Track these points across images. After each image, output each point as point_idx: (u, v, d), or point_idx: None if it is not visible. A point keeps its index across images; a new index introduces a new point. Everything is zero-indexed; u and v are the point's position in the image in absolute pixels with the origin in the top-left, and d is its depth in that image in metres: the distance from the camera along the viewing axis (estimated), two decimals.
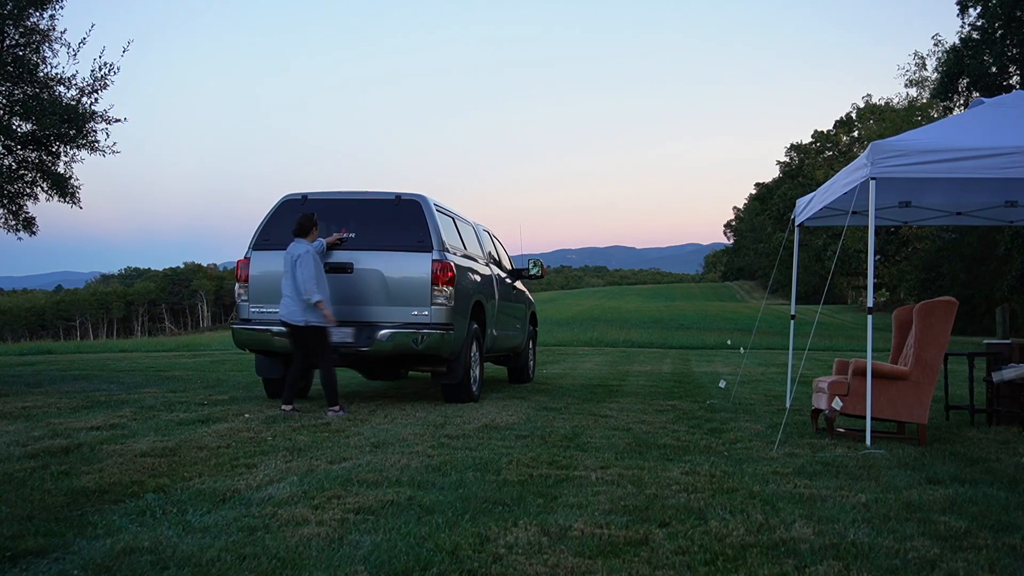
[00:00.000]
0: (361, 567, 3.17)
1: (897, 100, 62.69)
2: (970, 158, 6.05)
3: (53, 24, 12.09)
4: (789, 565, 3.25)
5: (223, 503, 4.12)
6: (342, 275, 7.99)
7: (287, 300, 7.54)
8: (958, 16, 32.70)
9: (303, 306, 7.46)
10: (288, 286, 7.53)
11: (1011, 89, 24.02)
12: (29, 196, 12.66)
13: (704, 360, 18.37)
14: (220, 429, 6.49)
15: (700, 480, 4.78)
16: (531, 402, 8.76)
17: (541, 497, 4.31)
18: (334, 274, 7.94)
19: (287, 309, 7.53)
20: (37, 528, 3.62)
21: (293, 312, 7.50)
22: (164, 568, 3.15)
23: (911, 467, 5.31)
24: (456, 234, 8.95)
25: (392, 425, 6.85)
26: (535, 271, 11.15)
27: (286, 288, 7.55)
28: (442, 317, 7.90)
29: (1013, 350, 7.44)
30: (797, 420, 7.53)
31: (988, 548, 3.50)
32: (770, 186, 79.95)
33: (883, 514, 4.05)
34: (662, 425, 7.11)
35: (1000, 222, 8.76)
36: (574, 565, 3.22)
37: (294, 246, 7.59)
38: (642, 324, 41.53)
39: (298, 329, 7.55)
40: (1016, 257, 32.22)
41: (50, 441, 5.81)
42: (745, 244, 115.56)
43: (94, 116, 12.14)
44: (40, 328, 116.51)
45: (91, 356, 19.41)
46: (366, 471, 4.87)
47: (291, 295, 7.51)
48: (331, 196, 8.47)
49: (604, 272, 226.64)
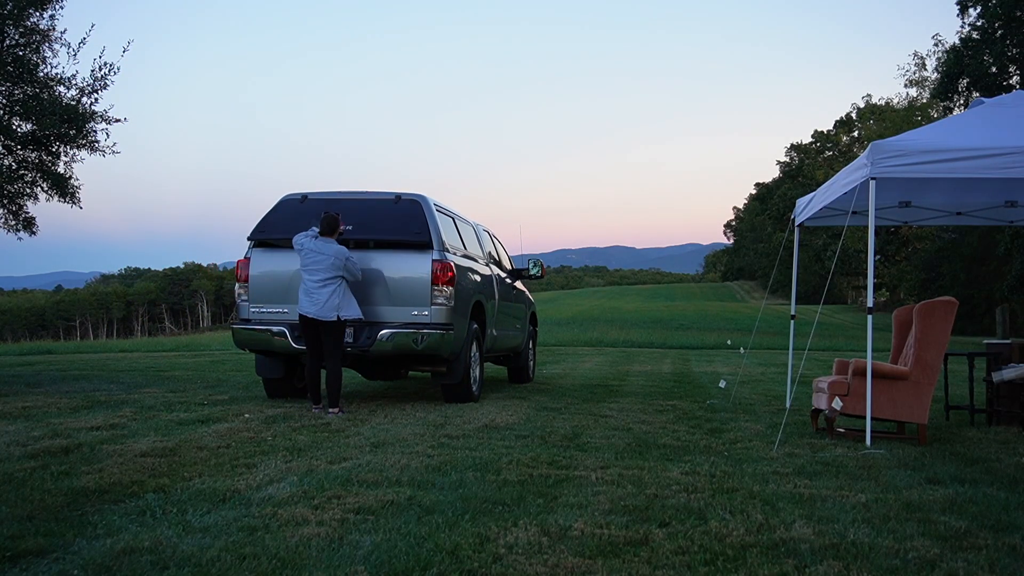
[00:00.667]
0: (361, 567, 3.17)
1: (897, 100, 62.77)
2: (970, 158, 6.05)
3: (53, 24, 12.11)
4: (789, 565, 3.25)
5: (223, 503, 4.12)
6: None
7: (315, 297, 7.42)
8: (958, 16, 32.73)
9: (336, 302, 7.41)
10: (315, 282, 7.43)
11: (1011, 89, 24.04)
12: (29, 196, 12.68)
13: (704, 360, 18.37)
14: (220, 429, 6.49)
15: (700, 480, 4.78)
16: (531, 402, 8.76)
17: (541, 497, 4.31)
18: None
19: (317, 306, 7.41)
20: (37, 528, 3.62)
21: (326, 309, 7.40)
22: (164, 568, 3.15)
23: (911, 467, 5.31)
24: (456, 234, 8.95)
25: (392, 425, 6.85)
26: (535, 271, 11.15)
27: (312, 285, 7.45)
28: (442, 317, 7.91)
29: (1013, 350, 7.44)
30: (797, 420, 7.53)
31: (988, 548, 3.50)
32: (770, 186, 79.96)
33: (883, 514, 4.05)
34: (662, 425, 7.11)
35: (1000, 222, 8.76)
36: (574, 565, 3.22)
37: (325, 245, 7.53)
38: (642, 324, 41.53)
39: (323, 325, 7.47)
40: (1016, 257, 32.22)
41: (50, 441, 5.81)
42: (745, 244, 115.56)
43: (94, 116, 12.15)
44: (40, 328, 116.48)
45: (91, 356, 19.42)
46: (366, 471, 4.87)
47: (319, 291, 7.42)
48: (331, 196, 8.48)
49: (604, 272, 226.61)
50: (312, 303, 7.48)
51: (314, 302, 7.47)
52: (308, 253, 7.55)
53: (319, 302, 7.45)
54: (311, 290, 7.50)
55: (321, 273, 7.48)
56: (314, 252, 7.53)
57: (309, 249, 7.55)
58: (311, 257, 7.53)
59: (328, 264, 7.48)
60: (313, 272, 7.50)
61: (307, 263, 7.54)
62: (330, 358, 7.60)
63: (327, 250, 7.52)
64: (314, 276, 7.49)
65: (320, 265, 7.49)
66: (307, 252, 7.56)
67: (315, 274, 7.49)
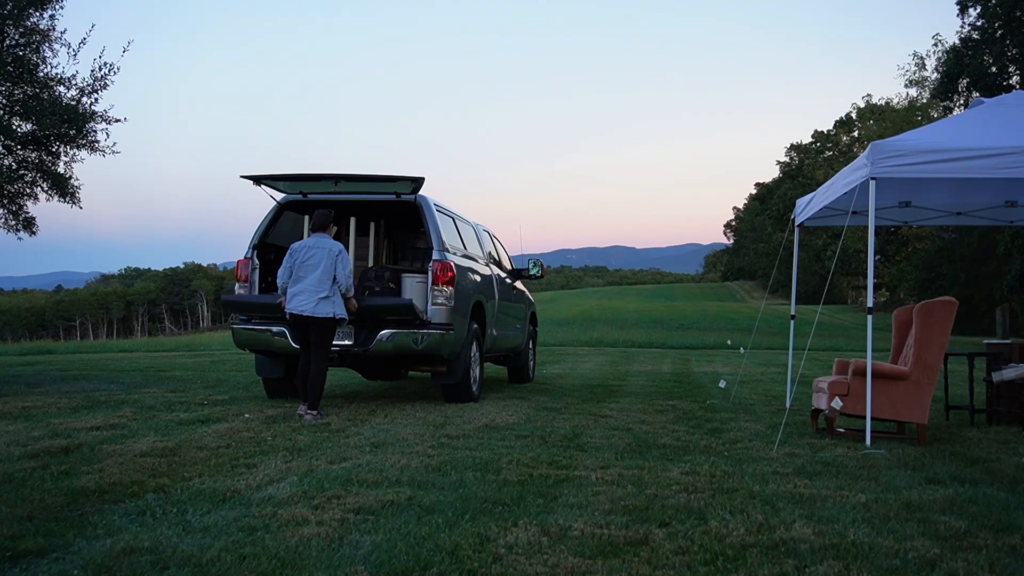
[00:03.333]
0: (361, 567, 3.17)
1: (897, 100, 62.76)
2: (970, 158, 6.05)
3: (53, 24, 12.12)
4: (789, 565, 3.25)
5: (223, 503, 4.12)
6: None
7: (310, 294, 7.24)
8: (958, 16, 32.74)
9: (333, 300, 7.27)
10: (313, 280, 7.25)
11: (1011, 89, 24.02)
12: (29, 196, 12.69)
13: (704, 360, 18.37)
14: (220, 429, 6.49)
15: (700, 480, 4.78)
16: (531, 402, 8.76)
17: (541, 497, 4.31)
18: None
19: (312, 304, 7.23)
20: (37, 528, 3.62)
21: (320, 306, 7.22)
22: (164, 568, 3.15)
23: (911, 467, 5.31)
24: (456, 234, 8.95)
25: (392, 425, 6.85)
26: (535, 271, 11.15)
27: (309, 282, 7.26)
28: (442, 317, 7.90)
29: (1013, 350, 7.44)
30: (797, 420, 7.53)
31: (988, 548, 3.50)
32: (770, 186, 79.94)
33: (883, 514, 4.05)
34: (662, 425, 7.11)
35: (1000, 222, 8.76)
36: (574, 565, 3.22)
37: (319, 240, 7.41)
38: (642, 324, 41.51)
39: (315, 322, 7.28)
40: (1016, 257, 32.21)
41: (50, 441, 5.81)
42: (745, 244, 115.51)
43: (94, 116, 12.16)
44: (40, 328, 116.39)
45: (91, 356, 19.42)
46: (366, 471, 4.87)
47: (313, 288, 7.24)
48: (331, 195, 8.48)
49: (604, 272, 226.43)
50: (305, 300, 7.26)
51: (307, 300, 7.26)
52: (306, 251, 7.36)
53: (312, 300, 7.25)
54: (304, 288, 7.29)
55: (316, 270, 7.26)
56: (311, 248, 7.35)
57: (307, 247, 7.38)
58: (308, 253, 7.34)
59: (323, 257, 7.28)
60: (310, 269, 7.29)
61: (304, 259, 7.32)
62: (317, 358, 7.35)
63: (324, 244, 7.37)
64: (310, 273, 7.28)
65: (314, 260, 7.29)
66: (305, 250, 7.37)
67: (311, 271, 7.28)
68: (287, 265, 7.41)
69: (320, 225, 7.52)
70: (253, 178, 8.04)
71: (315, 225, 7.55)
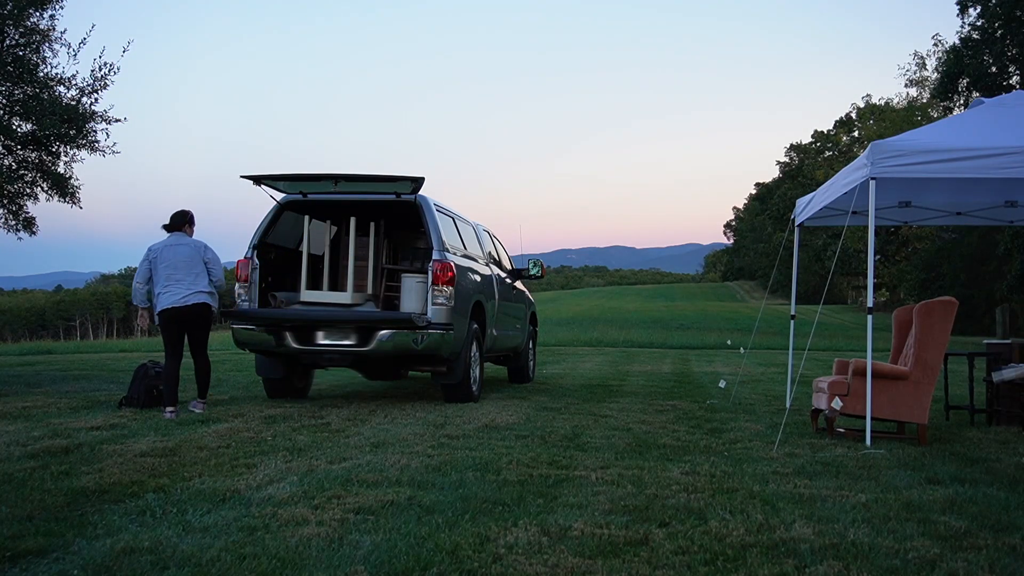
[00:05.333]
0: (361, 567, 3.17)
1: (897, 100, 62.75)
2: (970, 158, 6.05)
3: (53, 24, 12.12)
4: (789, 565, 3.25)
5: (223, 503, 4.12)
6: None
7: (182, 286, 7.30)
8: (958, 16, 32.72)
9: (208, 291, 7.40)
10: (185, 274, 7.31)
11: (1011, 89, 24.02)
12: (29, 196, 12.69)
13: (704, 360, 18.37)
14: (220, 429, 6.49)
15: (700, 480, 4.78)
16: (531, 402, 8.76)
17: (541, 497, 4.31)
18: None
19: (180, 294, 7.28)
20: (37, 528, 3.62)
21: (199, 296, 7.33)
22: (164, 568, 3.15)
23: (911, 467, 5.31)
24: (456, 234, 8.95)
25: (392, 425, 6.85)
26: (535, 271, 11.14)
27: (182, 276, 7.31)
28: (442, 317, 7.90)
29: (1013, 350, 7.44)
30: (797, 420, 7.53)
31: (988, 548, 3.50)
32: (770, 186, 79.90)
33: (883, 514, 4.05)
34: (662, 425, 7.11)
35: (1000, 222, 8.76)
36: (574, 565, 3.22)
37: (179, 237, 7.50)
38: (642, 324, 41.51)
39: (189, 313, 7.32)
40: (1016, 257, 32.20)
41: (50, 441, 5.81)
42: (745, 244, 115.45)
43: (94, 116, 12.16)
44: (40, 328, 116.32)
45: (91, 356, 19.42)
46: (366, 471, 4.87)
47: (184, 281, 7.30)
48: (331, 195, 8.48)
49: (604, 272, 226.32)
50: (174, 294, 7.31)
51: (177, 292, 7.31)
52: (164, 250, 7.42)
53: (183, 291, 7.31)
54: (171, 283, 7.33)
55: (181, 267, 7.35)
56: (175, 247, 7.44)
57: (169, 245, 7.45)
58: (167, 253, 7.40)
59: (187, 254, 7.39)
60: (174, 267, 7.35)
61: (165, 260, 7.37)
62: (200, 349, 7.56)
63: (184, 241, 7.48)
64: (175, 271, 7.34)
65: (178, 257, 7.37)
66: (163, 249, 7.43)
67: (177, 269, 7.35)
68: (145, 266, 7.47)
69: (176, 225, 7.60)
70: (253, 178, 8.05)
71: (172, 225, 7.61)
